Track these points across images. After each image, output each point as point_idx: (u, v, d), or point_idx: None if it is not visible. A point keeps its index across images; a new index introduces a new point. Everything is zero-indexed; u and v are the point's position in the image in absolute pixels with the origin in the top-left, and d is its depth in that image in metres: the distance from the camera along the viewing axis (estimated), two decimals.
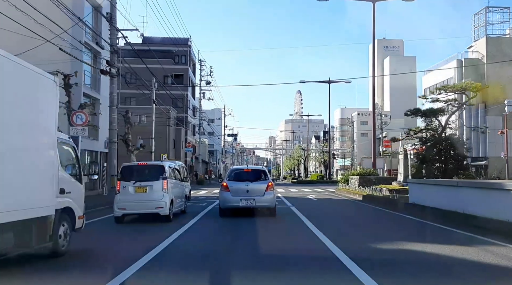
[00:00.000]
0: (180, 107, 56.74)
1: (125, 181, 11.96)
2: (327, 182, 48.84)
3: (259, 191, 12.64)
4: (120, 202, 11.81)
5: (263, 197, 12.61)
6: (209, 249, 8.22)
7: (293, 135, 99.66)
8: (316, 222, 11.58)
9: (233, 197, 12.58)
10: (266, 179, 13.05)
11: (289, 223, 12.03)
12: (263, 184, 12.78)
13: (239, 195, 12.55)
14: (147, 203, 11.80)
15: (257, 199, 12.55)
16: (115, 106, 20.27)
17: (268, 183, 12.87)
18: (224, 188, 12.88)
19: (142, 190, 11.82)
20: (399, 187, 21.23)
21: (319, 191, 29.51)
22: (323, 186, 40.61)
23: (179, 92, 53.32)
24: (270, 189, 12.78)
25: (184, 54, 59.70)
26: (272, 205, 12.90)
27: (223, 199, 12.83)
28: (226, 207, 12.88)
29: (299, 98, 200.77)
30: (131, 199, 11.77)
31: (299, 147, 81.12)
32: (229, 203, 12.70)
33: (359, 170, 27.01)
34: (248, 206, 12.63)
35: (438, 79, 56.06)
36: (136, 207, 11.88)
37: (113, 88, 20.28)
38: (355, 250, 7.60)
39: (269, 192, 12.72)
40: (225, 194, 12.76)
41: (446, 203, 12.35)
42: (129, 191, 11.79)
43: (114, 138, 20.28)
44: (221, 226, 11.63)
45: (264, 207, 12.94)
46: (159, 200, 11.76)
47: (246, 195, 12.56)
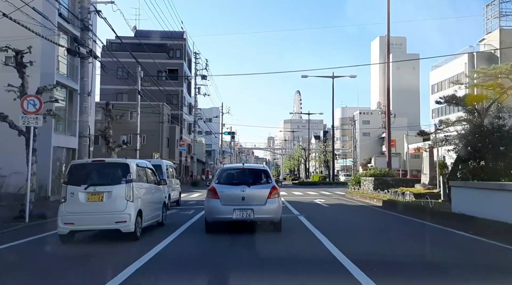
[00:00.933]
0: (175, 104, 53.28)
1: (74, 185, 8.57)
2: (330, 183, 45.33)
3: (259, 199, 9.31)
4: (66, 215, 8.45)
5: (264, 206, 9.25)
6: None
7: (292, 134, 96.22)
8: (340, 242, 8.10)
9: (223, 206, 9.24)
10: (268, 182, 9.71)
11: (302, 245, 8.49)
12: (264, 189, 9.44)
13: (232, 204, 9.23)
14: (103, 216, 8.48)
15: (257, 210, 9.22)
16: (87, 94, 16.72)
17: (272, 187, 9.52)
18: (211, 194, 9.49)
19: (97, 197, 8.48)
20: (425, 190, 17.76)
21: (327, 194, 26.01)
22: (327, 188, 37.09)
23: (173, 88, 49.76)
24: (274, 195, 9.44)
25: (179, 48, 56.23)
26: (277, 218, 9.56)
27: (210, 209, 9.47)
28: (214, 221, 9.51)
29: (298, 98, 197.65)
30: (82, 210, 8.48)
31: (300, 146, 77.57)
32: (218, 215, 9.34)
33: (373, 171, 23.54)
34: (244, 219, 9.27)
35: (447, 75, 52.65)
36: (88, 222, 8.53)
37: (84, 72, 16.70)
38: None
39: (273, 200, 9.38)
40: (212, 202, 9.39)
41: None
42: (79, 199, 8.47)
43: (85, 132, 16.70)
44: (205, 250, 8.09)
45: (266, 220, 9.66)
46: (121, 211, 8.48)
47: (242, 204, 9.22)
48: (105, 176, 8.83)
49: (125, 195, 8.50)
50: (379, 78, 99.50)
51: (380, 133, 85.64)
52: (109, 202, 8.43)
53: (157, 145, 46.43)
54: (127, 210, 8.44)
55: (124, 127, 48.85)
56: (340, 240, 8.46)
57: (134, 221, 8.52)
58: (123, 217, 8.41)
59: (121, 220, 8.40)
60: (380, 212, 15.09)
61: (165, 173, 16.87)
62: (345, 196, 23.22)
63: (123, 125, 47.61)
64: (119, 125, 46.40)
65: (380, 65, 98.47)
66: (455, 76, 50.81)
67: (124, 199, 8.49)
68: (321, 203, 19.00)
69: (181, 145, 43.23)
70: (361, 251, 7.66)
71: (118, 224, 8.41)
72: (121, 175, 8.67)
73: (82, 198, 8.41)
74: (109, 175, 8.84)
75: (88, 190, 8.42)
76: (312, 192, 28.13)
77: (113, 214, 8.41)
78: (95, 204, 8.41)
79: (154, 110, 44.95)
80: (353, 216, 14.19)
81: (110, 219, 8.43)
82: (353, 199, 21.22)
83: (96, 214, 8.41)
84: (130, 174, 8.68)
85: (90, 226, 8.64)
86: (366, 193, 20.77)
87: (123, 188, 8.53)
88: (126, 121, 48.71)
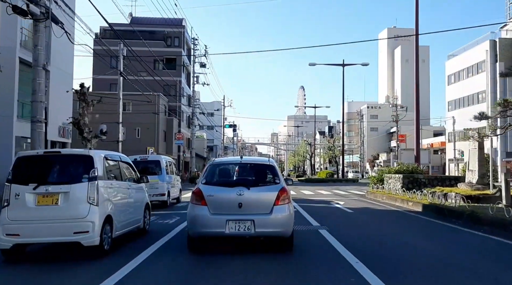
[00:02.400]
0: (172, 96, 49.36)
1: (20, 183, 6.57)
2: (340, 180, 41.28)
3: (262, 206, 6.55)
4: (9, 223, 6.45)
5: (270, 216, 6.48)
6: None
7: (297, 130, 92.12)
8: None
9: (213, 216, 6.50)
10: (276, 183, 6.87)
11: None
12: (270, 192, 6.65)
13: (225, 213, 6.50)
14: (58, 225, 6.44)
15: (259, 221, 6.44)
16: (41, 66, 12.78)
17: (280, 189, 6.66)
18: (196, 198, 6.68)
19: (49, 200, 6.51)
20: (475, 191, 13.74)
21: (342, 193, 22.01)
22: (338, 185, 33.07)
23: (171, 78, 45.76)
24: (284, 200, 6.61)
25: (177, 36, 52.20)
26: (288, 233, 6.66)
27: (194, 220, 6.63)
28: (199, 235, 6.74)
29: (302, 93, 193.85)
30: (30, 216, 6.49)
31: (305, 142, 73.48)
32: (205, 228, 6.56)
33: (399, 167, 19.48)
34: (241, 234, 6.51)
35: (466, 63, 48.35)
36: (38, 232, 6.47)
37: (38, 39, 12.72)
38: None
39: (282, 208, 6.57)
40: (198, 211, 6.58)
41: None
42: (26, 202, 6.50)
43: (39, 115, 12.77)
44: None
45: (273, 235, 6.68)
46: (81, 218, 6.50)
47: (238, 213, 6.48)
48: (62, 173, 6.90)
49: (87, 197, 6.55)
50: (387, 71, 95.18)
51: (389, 128, 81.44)
52: (66, 207, 6.47)
53: (152, 138, 42.59)
54: (89, 216, 6.49)
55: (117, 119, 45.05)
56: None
57: (99, 231, 6.54)
58: (84, 225, 6.45)
59: (81, 230, 6.41)
60: (431, 223, 10.96)
61: (164, 169, 15.15)
62: (366, 197, 19.21)
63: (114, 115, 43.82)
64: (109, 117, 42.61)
65: (388, 59, 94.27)
66: (475, 65, 46.63)
67: (86, 202, 6.54)
68: (341, 206, 14.96)
69: (178, 138, 39.29)
70: None
71: (77, 235, 6.40)
72: (83, 171, 6.71)
73: (30, 201, 6.47)
74: (66, 171, 6.91)
75: (38, 190, 6.48)
76: (324, 191, 24.13)
77: (72, 222, 6.42)
78: (47, 209, 6.46)
79: (149, 101, 41.04)
80: (398, 229, 10.04)
81: (67, 229, 6.41)
82: (378, 201, 17.19)
83: (49, 222, 6.40)
84: (94, 170, 6.72)
85: (41, 238, 6.54)
86: (394, 194, 16.75)
87: (85, 187, 6.59)
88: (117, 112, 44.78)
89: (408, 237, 8.83)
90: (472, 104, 47.66)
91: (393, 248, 7.46)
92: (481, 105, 45.35)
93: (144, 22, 53.26)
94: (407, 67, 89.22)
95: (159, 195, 14.51)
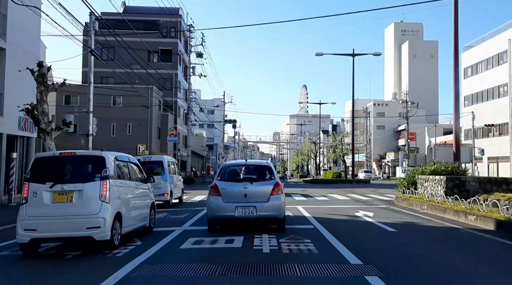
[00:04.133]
0: (168, 90, 45.33)
1: (37, 182, 7.04)
2: (350, 181, 37.12)
3: (262, 196, 8.91)
4: (28, 219, 6.91)
5: (267, 203, 8.84)
6: None
7: (301, 128, 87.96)
8: None
9: (225, 204, 8.83)
10: (271, 179, 9.28)
11: None
12: (267, 186, 9.05)
13: (234, 202, 8.82)
14: (72, 221, 6.90)
15: (259, 207, 8.79)
16: None
17: (275, 184, 9.05)
18: (213, 191, 9.00)
19: (65, 198, 6.97)
20: None
21: (362, 199, 17.91)
22: (350, 187, 28.95)
23: (166, 71, 41.61)
24: (278, 192, 8.97)
25: (173, 26, 48.13)
26: (281, 215, 8.99)
27: (212, 206, 8.95)
28: (216, 218, 9.09)
29: (304, 92, 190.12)
30: (47, 213, 6.92)
31: (309, 140, 69.38)
32: (220, 212, 8.91)
33: (435, 166, 15.29)
34: (246, 217, 8.85)
35: (485, 54, 44.13)
36: (54, 227, 6.92)
37: None
38: None
39: (276, 197, 8.92)
40: (214, 199, 8.91)
41: None
42: (43, 199, 6.95)
43: None
44: None
45: (269, 217, 8.99)
46: (93, 215, 6.92)
47: (244, 201, 8.83)
48: (76, 172, 7.50)
49: (99, 195, 7.01)
50: (393, 67, 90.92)
51: (396, 126, 77.25)
52: (80, 204, 6.96)
53: (145, 135, 38.54)
54: (101, 213, 6.95)
55: (107, 115, 41.18)
56: None
57: (110, 227, 7.01)
58: (96, 221, 6.91)
59: (94, 226, 6.88)
60: None
61: (166, 169, 15.51)
62: (397, 204, 15.08)
63: (104, 112, 39.81)
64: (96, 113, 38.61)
65: (395, 55, 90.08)
66: (496, 56, 42.43)
67: (98, 199, 6.99)
68: (375, 221, 10.76)
69: (172, 135, 35.20)
70: None
71: (90, 231, 6.88)
72: (95, 171, 7.24)
73: (47, 198, 6.96)
74: (80, 171, 7.51)
75: (55, 188, 6.97)
76: (338, 195, 20.01)
77: (84, 218, 6.90)
78: (62, 206, 6.95)
79: (142, 96, 37.01)
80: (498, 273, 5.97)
81: (80, 224, 6.90)
82: (416, 211, 13.05)
83: (64, 218, 6.89)
84: (106, 170, 7.21)
85: (56, 233, 7.00)
86: (439, 202, 12.63)
87: (97, 186, 7.05)
88: (108, 107, 40.94)
89: None
90: (492, 98, 43.46)
91: None
92: (502, 99, 41.16)
93: (138, 11, 49.29)
94: (415, 63, 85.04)
95: (162, 195, 14.60)
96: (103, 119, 39.64)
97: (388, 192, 22.61)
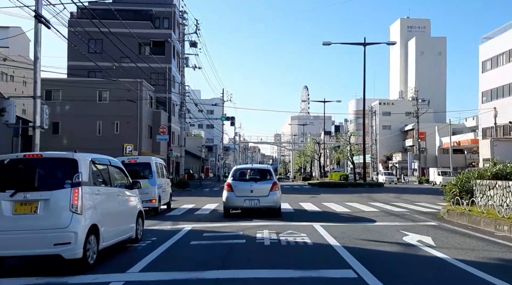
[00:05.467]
0: (161, 85, 41.17)
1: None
2: (362, 185, 32.86)
3: (263, 192, 11.93)
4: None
5: (267, 197, 11.90)
6: None
7: (303, 128, 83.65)
8: None
9: (237, 197, 11.92)
10: (271, 179, 12.37)
11: None
12: (267, 184, 12.08)
13: (243, 196, 11.87)
14: (37, 236, 5.72)
15: (262, 200, 11.85)
16: None
17: (273, 183, 12.13)
18: (228, 188, 12.11)
19: (28, 208, 5.83)
20: None
21: (393, 210, 13.64)
22: (366, 192, 24.67)
23: (159, 65, 37.41)
24: (275, 189, 12.05)
25: (167, 17, 44.02)
26: (277, 206, 12.15)
27: (227, 199, 12.05)
28: (230, 208, 12.24)
29: (305, 93, 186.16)
30: (6, 227, 5.75)
31: (313, 140, 65.18)
32: (233, 203, 12.04)
33: (497, 168, 11.03)
34: (252, 207, 11.91)
35: (507, 45, 39.90)
36: (15, 245, 5.76)
37: None
38: None
39: (274, 193, 11.98)
40: (229, 194, 12.03)
41: None
42: (3, 210, 5.81)
43: None
44: None
45: (269, 207, 12.02)
46: (62, 229, 5.75)
47: (251, 195, 11.86)
48: (42, 178, 6.27)
49: (69, 205, 5.85)
50: (399, 66, 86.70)
51: (403, 126, 73.03)
52: (46, 215, 5.80)
53: (134, 133, 34.38)
54: (72, 226, 5.78)
55: (92, 112, 37.06)
56: None
57: (83, 243, 5.83)
58: (66, 236, 5.71)
59: (63, 242, 5.69)
60: None
61: (155, 172, 13.85)
62: (451, 221, 10.77)
63: (88, 108, 35.70)
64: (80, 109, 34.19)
65: (401, 53, 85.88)
66: None
67: (68, 210, 5.83)
68: (451, 260, 6.37)
69: (162, 133, 31.03)
70: None
71: (58, 247, 5.68)
72: (65, 176, 6.08)
73: (7, 209, 5.82)
74: (47, 177, 6.30)
75: (16, 197, 5.86)
76: (360, 205, 15.72)
77: (52, 233, 5.71)
78: (25, 219, 5.81)
79: (130, 90, 32.86)
80: None
81: (47, 241, 5.69)
82: (491, 233, 8.76)
83: (27, 233, 5.74)
84: (78, 175, 6.06)
85: (17, 250, 5.84)
86: None
87: (67, 194, 5.89)
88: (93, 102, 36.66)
89: None
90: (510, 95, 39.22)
91: None
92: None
93: (129, 0, 45.17)
94: (423, 60, 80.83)
95: (149, 201, 13.08)
96: (88, 116, 35.59)
97: (419, 200, 18.39)
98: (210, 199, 19.29)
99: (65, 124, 34.15)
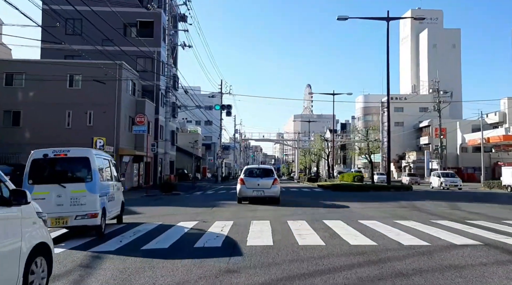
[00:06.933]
0: (149, 72, 35.20)
1: None
2: (387, 188, 26.74)
3: (267, 185, 15.95)
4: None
5: (270, 189, 15.94)
6: None
7: (308, 125, 77.83)
8: None
9: (247, 189, 15.98)
10: (272, 176, 16.34)
11: None
12: (270, 180, 16.11)
13: (252, 188, 15.91)
14: None
15: (266, 191, 15.87)
16: None
17: (274, 179, 16.17)
18: (241, 182, 16.20)
19: None
20: None
21: (490, 241, 7.73)
22: (400, 199, 18.52)
23: (147, 48, 31.40)
24: (276, 183, 16.11)
25: None
26: (277, 196, 16.20)
27: (240, 190, 16.17)
28: (242, 196, 16.26)
29: (308, 92, 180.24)
30: None
31: (320, 137, 59.09)
32: (245, 193, 16.07)
33: None
34: (259, 196, 15.87)
35: None
36: None
37: None
38: None
39: (275, 186, 16.04)
40: (242, 186, 16.10)
41: None
42: None
43: None
44: None
45: (271, 197, 16.01)
46: None
47: (257, 187, 15.90)
48: None
49: None
50: (410, 59, 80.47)
51: (417, 122, 66.87)
52: None
53: (111, 127, 28.38)
54: None
55: (60, 100, 31.14)
56: None
57: None
58: None
59: None
60: None
61: (96, 173, 9.07)
62: None
63: (56, 95, 29.79)
64: (47, 97, 28.57)
65: (412, 46, 79.67)
66: None
67: None
68: None
69: (139, 123, 24.97)
70: None
71: None
72: None
73: None
74: None
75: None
76: (421, 226, 9.64)
77: None
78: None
79: (108, 74, 26.92)
80: None
81: None
82: None
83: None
84: None
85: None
86: None
87: None
88: (62, 89, 30.62)
89: None
90: None
91: None
92: None
93: None
94: (435, 53, 74.65)
95: (86, 216, 8.62)
96: (55, 105, 29.62)
97: (494, 213, 12.31)
98: (191, 211, 13.36)
99: (28, 114, 28.15)
